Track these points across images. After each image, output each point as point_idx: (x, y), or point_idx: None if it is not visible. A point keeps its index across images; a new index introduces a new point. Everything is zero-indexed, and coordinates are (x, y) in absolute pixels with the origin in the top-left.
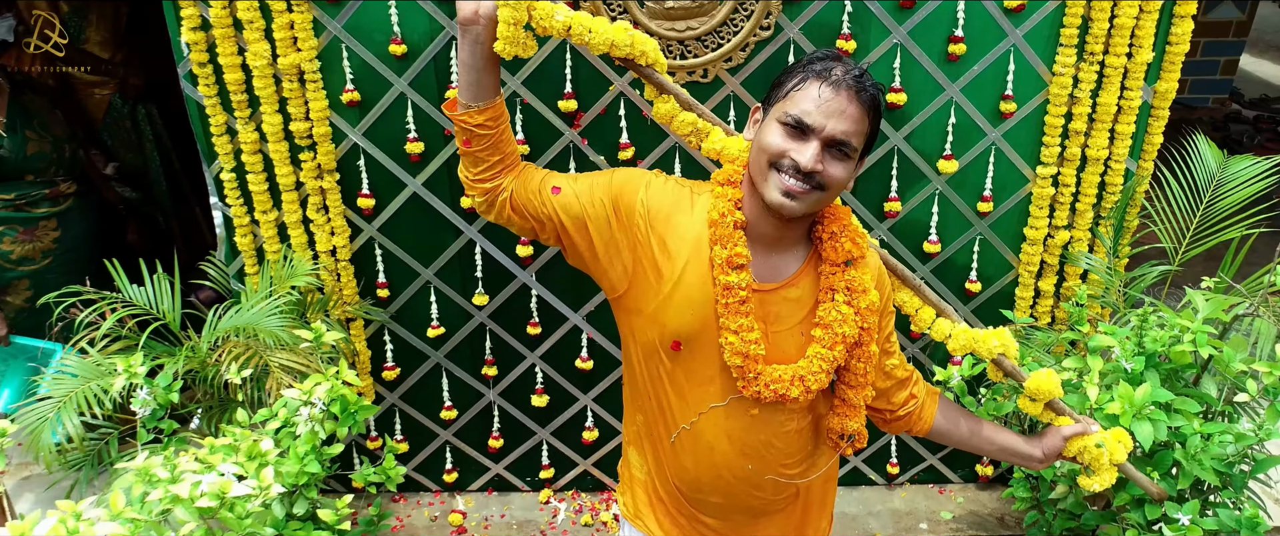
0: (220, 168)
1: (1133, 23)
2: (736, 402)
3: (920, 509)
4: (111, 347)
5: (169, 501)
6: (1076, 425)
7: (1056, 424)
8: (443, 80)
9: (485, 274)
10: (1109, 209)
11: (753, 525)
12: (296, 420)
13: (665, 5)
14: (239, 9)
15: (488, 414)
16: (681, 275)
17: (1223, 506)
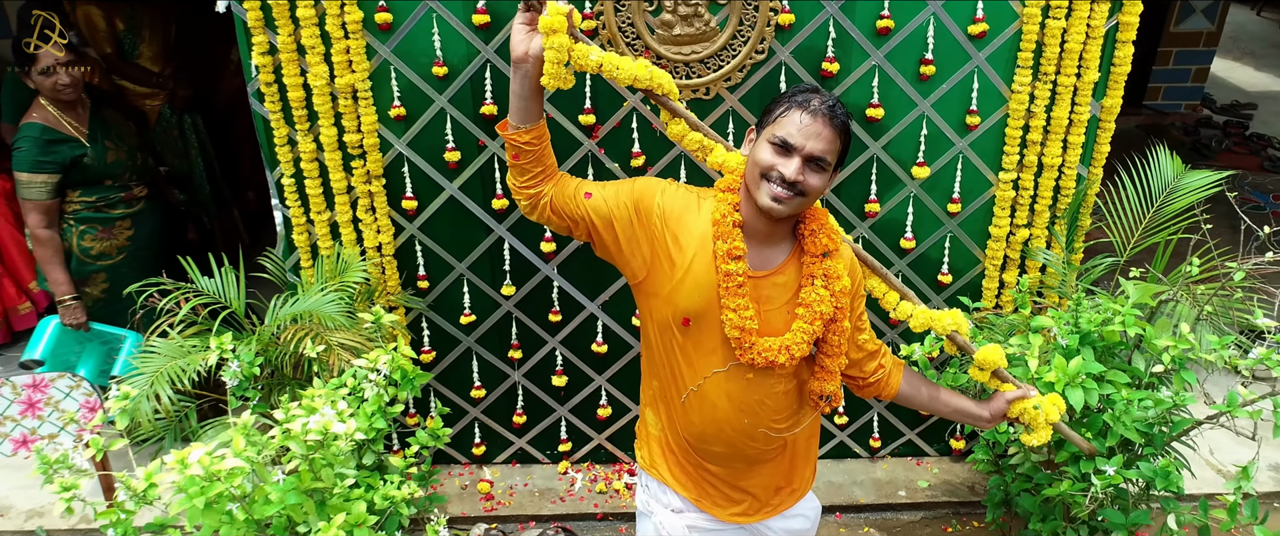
0: (281, 173)
1: (1080, 47)
2: (735, 368)
3: (899, 478)
4: (186, 332)
5: (283, 438)
6: (1018, 391)
7: (1001, 390)
8: (478, 98)
9: (512, 267)
10: (1063, 210)
11: (749, 471)
12: (365, 386)
13: (673, 33)
14: (303, 36)
15: (512, 393)
16: (691, 264)
17: (1145, 461)
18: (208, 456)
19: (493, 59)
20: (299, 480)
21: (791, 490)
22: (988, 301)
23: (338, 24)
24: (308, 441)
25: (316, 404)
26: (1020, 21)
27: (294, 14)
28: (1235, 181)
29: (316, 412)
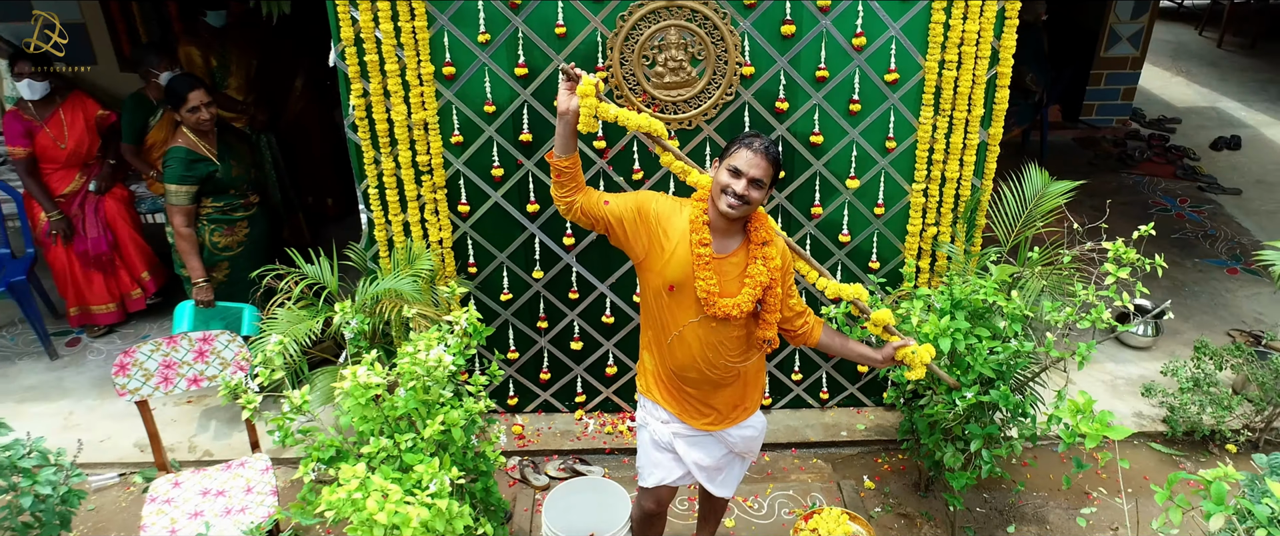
0: (366, 185)
1: (969, 90)
2: (704, 320)
3: (843, 423)
4: (294, 306)
5: (408, 365)
6: (902, 340)
7: (890, 340)
8: (517, 129)
9: (541, 257)
10: (962, 212)
11: (714, 393)
12: (449, 337)
13: (664, 81)
14: (388, 83)
15: (539, 356)
16: (675, 249)
17: (995, 390)
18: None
19: (530, 100)
20: (416, 393)
21: (744, 408)
22: (907, 284)
23: (415, 75)
24: (424, 367)
25: (422, 340)
26: (923, 71)
27: (382, 67)
28: (1150, 186)
29: (432, 348)
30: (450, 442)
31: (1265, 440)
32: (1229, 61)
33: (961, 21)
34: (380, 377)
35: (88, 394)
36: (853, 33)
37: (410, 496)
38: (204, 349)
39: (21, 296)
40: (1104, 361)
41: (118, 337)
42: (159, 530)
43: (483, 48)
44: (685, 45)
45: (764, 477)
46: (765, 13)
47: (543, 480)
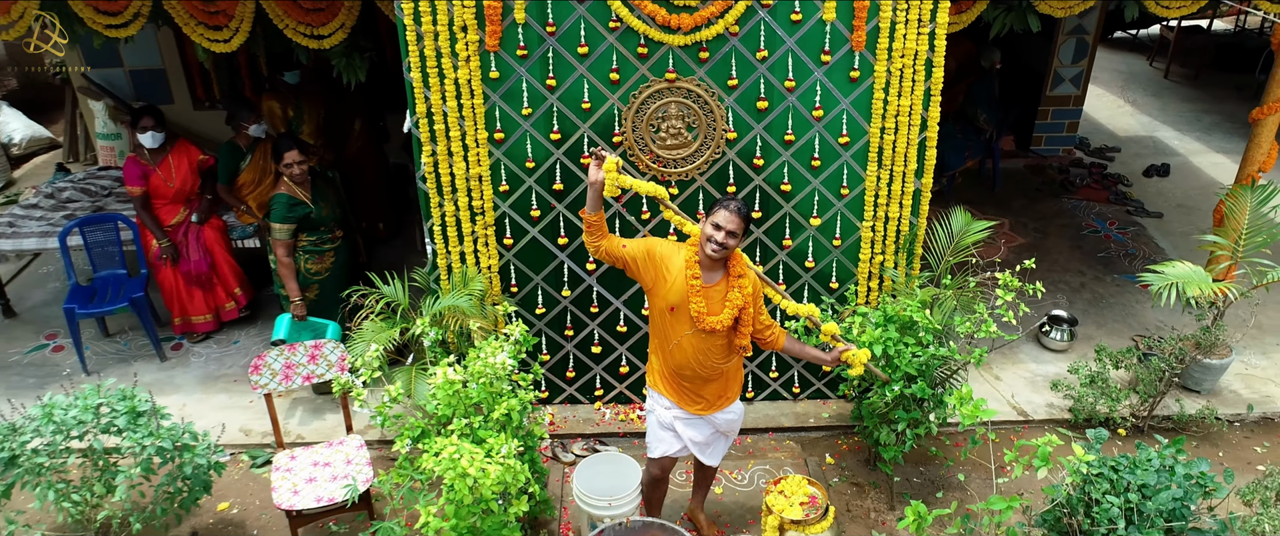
0: (432, 223)
1: (904, 149)
2: (696, 332)
3: (810, 412)
4: (376, 319)
5: (478, 366)
6: (845, 346)
7: (836, 345)
8: (551, 180)
9: (568, 279)
10: (902, 245)
11: (704, 386)
12: (506, 345)
13: (666, 144)
14: (452, 145)
15: (566, 358)
16: (674, 280)
17: (917, 384)
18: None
19: (562, 159)
20: (485, 387)
21: (727, 398)
22: (860, 300)
23: (472, 139)
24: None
25: (489, 348)
26: (868, 136)
27: (448, 133)
28: (1085, 210)
29: (496, 354)
30: (509, 423)
31: (1149, 425)
32: (1172, 92)
33: (897, 98)
34: (460, 375)
35: (195, 389)
36: (813, 106)
37: (486, 459)
38: (315, 354)
39: (139, 309)
40: (1027, 361)
41: (213, 343)
42: (285, 490)
43: (525, 118)
44: (683, 116)
45: (746, 455)
46: (745, 91)
47: (570, 457)
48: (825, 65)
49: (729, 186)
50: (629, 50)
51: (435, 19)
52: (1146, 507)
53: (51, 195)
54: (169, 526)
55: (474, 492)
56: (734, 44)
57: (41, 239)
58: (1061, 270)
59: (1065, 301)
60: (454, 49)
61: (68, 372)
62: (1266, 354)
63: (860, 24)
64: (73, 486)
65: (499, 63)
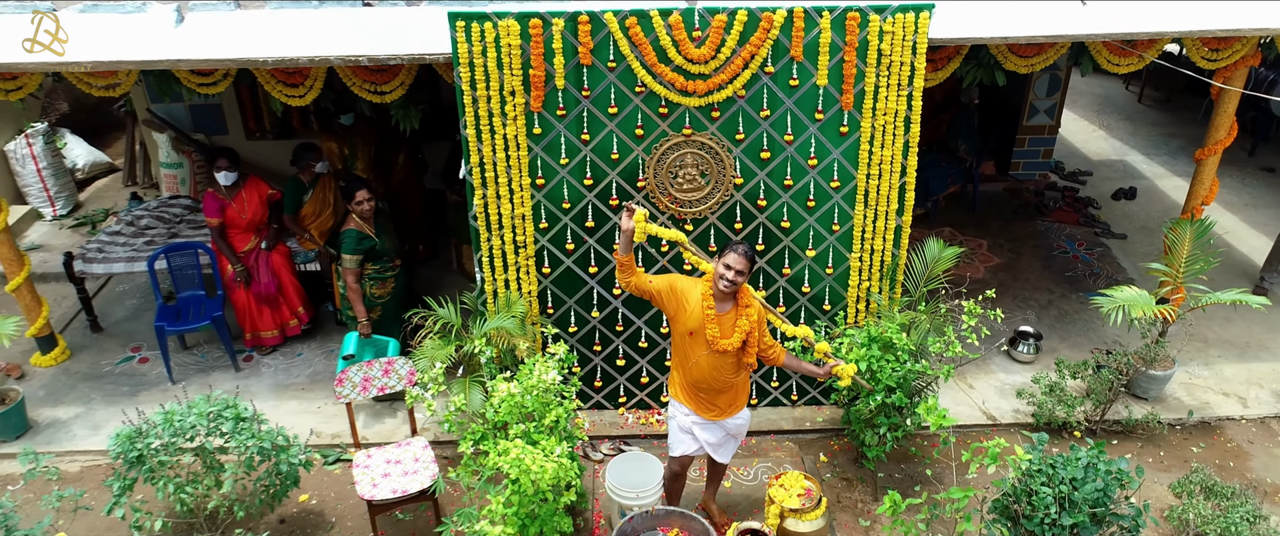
0: (481, 255)
1: (887, 191)
2: (711, 353)
3: (807, 417)
4: (434, 337)
5: (531, 381)
6: (835, 361)
7: (828, 361)
8: (584, 219)
9: (597, 303)
10: (885, 273)
11: (717, 396)
12: (551, 361)
13: (684, 189)
14: (500, 190)
15: (595, 370)
16: (693, 309)
17: (896, 394)
18: (509, 385)
19: (593, 201)
20: (537, 396)
21: (736, 406)
22: (849, 322)
23: (517, 184)
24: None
25: (540, 365)
26: (856, 180)
27: (497, 180)
28: (1057, 232)
29: (547, 371)
30: (557, 427)
31: (1101, 428)
32: (1144, 116)
33: (880, 149)
34: (519, 388)
35: (268, 396)
36: (808, 156)
37: (543, 458)
38: (387, 369)
39: (219, 326)
40: (998, 372)
41: (280, 355)
42: (365, 483)
43: (563, 167)
44: (698, 165)
45: (751, 454)
46: (750, 144)
47: (599, 455)
48: (819, 122)
49: (736, 224)
50: (652, 110)
51: (488, 85)
52: (1075, 497)
53: (131, 222)
54: (263, 514)
55: (535, 485)
56: (741, 105)
57: (129, 263)
58: (1032, 288)
59: (1033, 317)
60: (504, 109)
61: (156, 381)
62: (1209, 365)
63: (848, 88)
64: (186, 480)
65: (541, 121)
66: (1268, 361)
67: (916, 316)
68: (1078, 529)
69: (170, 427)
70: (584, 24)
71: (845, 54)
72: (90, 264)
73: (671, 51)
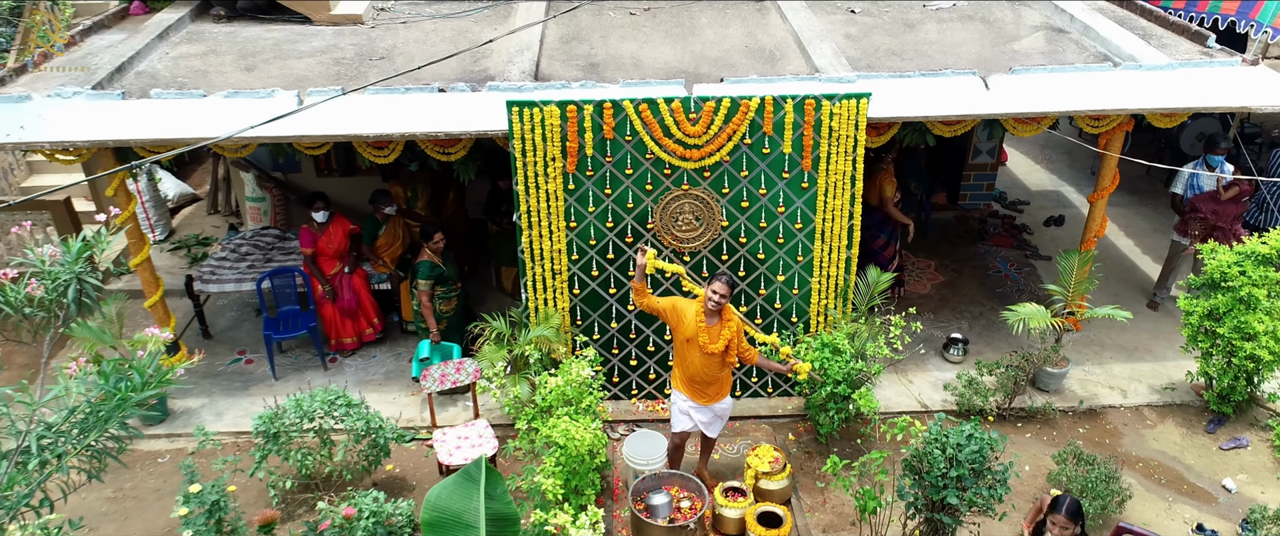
0: (526, 279)
1: (841, 230)
2: (703, 355)
3: (779, 405)
4: (490, 344)
5: (571, 376)
6: (796, 360)
7: (789, 360)
8: (606, 252)
9: (616, 316)
10: (838, 293)
11: (707, 386)
12: (584, 360)
13: (682, 230)
14: (542, 231)
15: (612, 368)
16: (690, 323)
17: (842, 385)
18: (556, 379)
19: (614, 239)
20: (575, 387)
21: (722, 394)
22: (812, 331)
23: (556, 226)
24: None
25: (576, 364)
26: (815, 222)
27: (539, 223)
28: (994, 254)
29: (582, 370)
30: (589, 410)
31: (1009, 413)
32: (1081, 150)
33: (833, 200)
34: (561, 380)
35: (351, 390)
36: (777, 205)
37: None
38: (459, 367)
39: (313, 334)
40: (933, 370)
41: (358, 357)
42: (444, 453)
43: (591, 213)
44: (693, 212)
45: (735, 434)
46: (733, 196)
47: (616, 435)
48: (785, 180)
49: (723, 256)
50: (658, 172)
51: (535, 153)
52: (960, 457)
53: (233, 249)
54: (362, 479)
55: (577, 450)
56: (726, 167)
57: (237, 283)
58: (967, 302)
59: (966, 326)
60: (546, 171)
61: (262, 378)
62: (1101, 365)
63: (807, 154)
64: (307, 451)
65: (574, 180)
66: (1149, 362)
67: (859, 327)
68: (961, 479)
69: (299, 411)
70: (608, 109)
71: (804, 129)
72: (207, 284)
73: (673, 129)
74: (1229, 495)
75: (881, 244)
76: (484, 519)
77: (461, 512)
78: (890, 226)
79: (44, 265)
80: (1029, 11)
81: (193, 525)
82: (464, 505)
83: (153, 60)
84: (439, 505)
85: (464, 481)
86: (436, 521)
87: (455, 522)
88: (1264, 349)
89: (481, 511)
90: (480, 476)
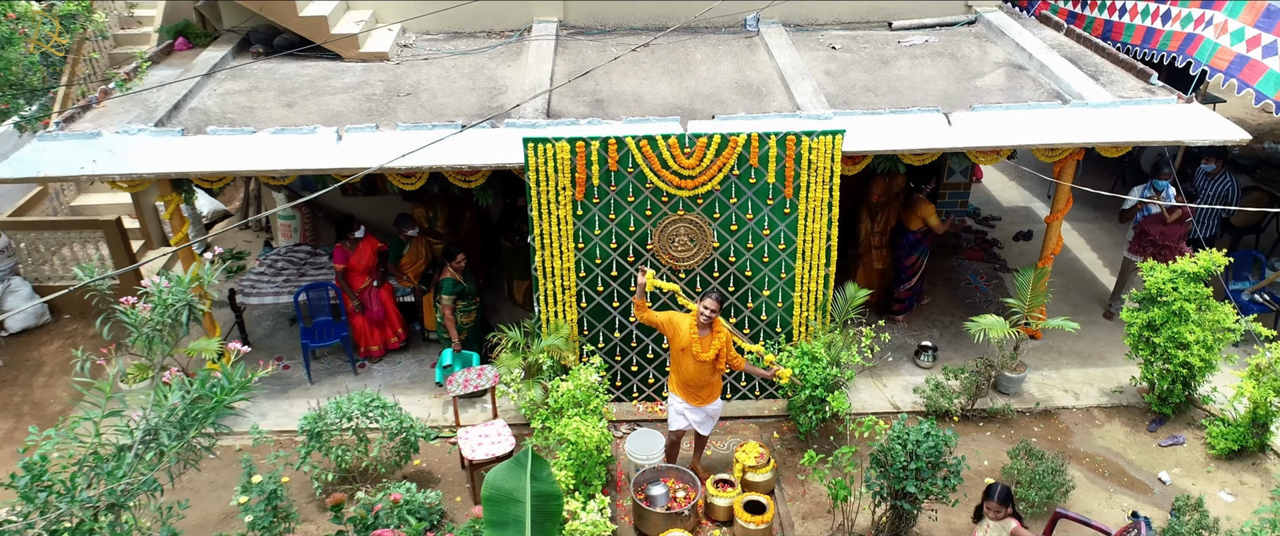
0: (539, 294)
1: (819, 250)
2: (696, 362)
3: (766, 406)
4: (507, 353)
5: (580, 380)
6: (778, 366)
7: (772, 367)
8: (610, 270)
9: (619, 326)
10: (818, 306)
11: (700, 389)
12: (592, 367)
13: (678, 251)
14: (553, 251)
15: (615, 374)
16: (684, 333)
17: (820, 389)
18: (567, 383)
19: (617, 258)
20: (584, 391)
21: (714, 397)
22: (794, 341)
23: (565, 248)
24: (587, 381)
25: (585, 371)
26: (797, 243)
27: (551, 244)
28: (966, 267)
29: (591, 375)
30: (596, 410)
31: (973, 413)
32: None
33: (812, 224)
34: (571, 384)
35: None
36: (763, 228)
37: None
38: (481, 373)
39: (345, 343)
40: (905, 375)
41: (385, 363)
42: (468, 449)
43: (597, 236)
44: (688, 234)
45: (726, 432)
46: (723, 220)
47: (619, 433)
48: (770, 206)
49: (714, 273)
50: (656, 199)
51: (548, 183)
52: (918, 451)
53: (270, 264)
54: (393, 472)
55: (585, 447)
56: (717, 195)
57: (275, 296)
58: (940, 312)
59: (937, 334)
60: (557, 199)
61: (298, 382)
62: (1058, 369)
63: (789, 182)
64: (346, 448)
65: (583, 206)
66: (1100, 367)
67: (835, 337)
68: (920, 472)
69: (339, 412)
70: (612, 145)
71: (786, 162)
72: (248, 297)
73: (670, 162)
74: (1163, 486)
75: (913, 261)
76: (530, 494)
77: (513, 489)
78: (924, 245)
79: (160, 292)
80: (994, 48)
81: (253, 511)
82: (515, 484)
83: (203, 97)
84: (494, 484)
85: (515, 466)
86: (493, 496)
87: (507, 498)
88: (1195, 356)
89: (527, 489)
90: (527, 462)
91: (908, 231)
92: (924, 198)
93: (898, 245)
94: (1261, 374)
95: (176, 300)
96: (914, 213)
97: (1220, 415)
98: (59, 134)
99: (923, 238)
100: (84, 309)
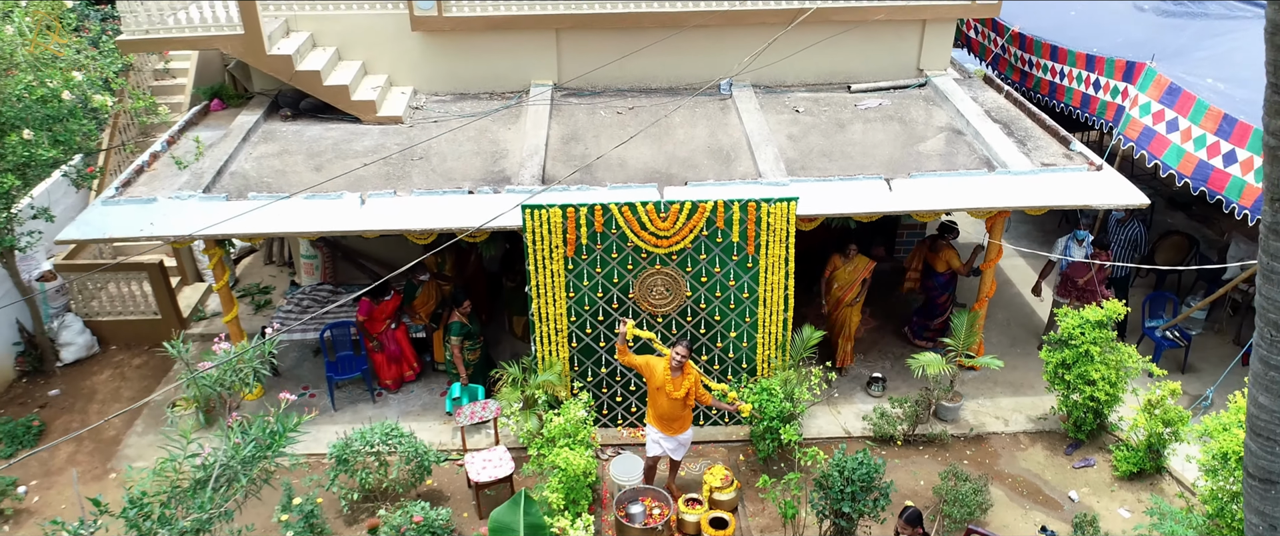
0: (535, 335)
1: (780, 297)
2: (670, 399)
3: (733, 432)
4: (507, 387)
5: (571, 414)
6: (741, 401)
7: (735, 401)
8: (597, 314)
9: (604, 364)
10: (779, 345)
11: (673, 422)
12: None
13: (656, 300)
14: (547, 297)
15: (602, 404)
16: (659, 375)
17: (775, 421)
18: (560, 416)
19: (603, 305)
20: (576, 421)
21: (685, 428)
22: (757, 378)
23: (558, 296)
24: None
25: (574, 406)
26: (760, 291)
27: (546, 293)
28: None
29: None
30: (583, 440)
31: (915, 438)
32: None
33: (771, 277)
34: (562, 419)
35: (397, 421)
36: (728, 280)
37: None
38: (485, 406)
39: (366, 376)
40: (857, 403)
41: (401, 394)
42: (474, 471)
43: (585, 286)
44: (666, 285)
45: (698, 456)
46: (695, 273)
47: (605, 456)
48: (735, 261)
49: (688, 318)
50: (637, 255)
51: (543, 242)
52: (853, 476)
53: (297, 302)
54: (408, 492)
55: (573, 473)
56: (689, 252)
57: (302, 332)
58: (892, 344)
59: (888, 366)
60: (551, 255)
61: (323, 410)
62: (992, 398)
63: (751, 240)
64: (368, 470)
65: (573, 261)
66: (1030, 396)
67: (789, 375)
68: (855, 494)
69: (363, 440)
70: (598, 211)
71: (748, 224)
72: (278, 333)
73: (648, 224)
74: (1072, 504)
75: (944, 300)
76: (523, 526)
77: (510, 522)
78: (953, 286)
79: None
80: (939, 112)
81: (293, 527)
82: (512, 519)
83: (241, 161)
84: (498, 519)
85: (512, 506)
86: (497, 527)
87: (507, 529)
88: (1101, 391)
89: (521, 523)
90: (521, 502)
91: (937, 273)
92: (948, 244)
93: (929, 286)
94: (1153, 408)
95: (246, 367)
96: (939, 257)
97: (1125, 441)
98: (119, 199)
99: (950, 278)
100: (129, 340)
